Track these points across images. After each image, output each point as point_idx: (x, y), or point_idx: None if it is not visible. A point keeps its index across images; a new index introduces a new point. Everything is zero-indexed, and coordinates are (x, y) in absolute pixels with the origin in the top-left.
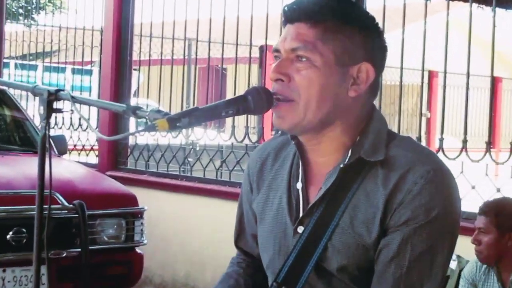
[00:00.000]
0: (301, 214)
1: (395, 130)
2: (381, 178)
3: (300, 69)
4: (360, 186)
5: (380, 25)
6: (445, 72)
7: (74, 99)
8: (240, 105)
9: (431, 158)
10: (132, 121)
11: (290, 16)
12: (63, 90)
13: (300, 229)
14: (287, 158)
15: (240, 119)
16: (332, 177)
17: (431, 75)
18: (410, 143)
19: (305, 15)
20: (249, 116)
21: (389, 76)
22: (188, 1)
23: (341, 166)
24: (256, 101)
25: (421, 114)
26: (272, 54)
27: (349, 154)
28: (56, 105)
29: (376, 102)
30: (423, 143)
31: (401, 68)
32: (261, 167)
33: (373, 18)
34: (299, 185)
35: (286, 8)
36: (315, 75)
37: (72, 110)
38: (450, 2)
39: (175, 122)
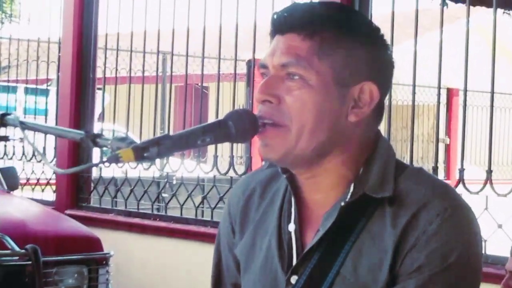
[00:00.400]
0: (294, 262)
1: (407, 159)
2: (389, 217)
3: (292, 89)
4: (364, 227)
5: (388, 35)
6: (465, 90)
7: (23, 125)
8: (219, 132)
9: (448, 192)
10: (97, 150)
11: (280, 26)
12: (9, 114)
13: (294, 279)
14: (276, 194)
15: (225, 147)
16: (331, 217)
17: (451, 93)
18: (422, 176)
19: (298, 24)
20: (234, 143)
21: (401, 95)
22: (162, 8)
23: (342, 204)
24: (238, 126)
25: (437, 139)
26: (259, 71)
27: (350, 190)
28: (5, 132)
29: (384, 126)
30: (441, 174)
31: (413, 85)
32: (245, 205)
33: (377, 29)
34: (291, 227)
35: (275, 16)
36: (309, 96)
37: (21, 138)
38: (471, 7)
39: (142, 152)
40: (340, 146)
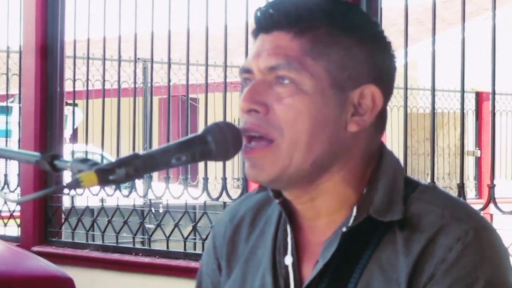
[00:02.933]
0: None
1: (428, 175)
2: (401, 244)
3: (282, 96)
4: (372, 256)
5: (401, 32)
6: (493, 93)
7: None
8: (196, 149)
9: (468, 213)
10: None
11: (264, 23)
12: None
13: None
14: (269, 222)
15: (218, 168)
16: (332, 246)
17: (480, 98)
18: (437, 194)
19: (286, 21)
20: (226, 163)
21: (422, 101)
22: (139, 9)
23: (344, 230)
24: (219, 142)
25: (462, 151)
26: (241, 76)
27: (353, 213)
28: None
29: (396, 135)
30: (472, 193)
31: (433, 89)
32: (232, 236)
33: (376, 24)
34: (288, 260)
35: (258, 12)
36: (303, 104)
37: None
38: None
39: (107, 175)
40: (340, 161)
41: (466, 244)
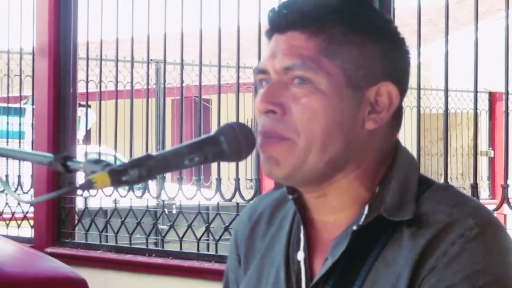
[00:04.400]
0: None
1: (441, 175)
2: (407, 240)
3: (299, 96)
4: (380, 254)
5: (414, 32)
6: (507, 92)
7: None
8: (209, 149)
9: (477, 210)
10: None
11: (279, 24)
12: None
13: None
14: (285, 219)
15: (231, 169)
16: (341, 244)
17: (494, 98)
18: (450, 193)
19: (300, 21)
20: (239, 163)
21: (435, 101)
22: (152, 10)
23: (354, 228)
24: (232, 142)
25: (475, 151)
26: (256, 77)
27: (365, 212)
28: None
29: (409, 135)
30: (485, 193)
31: (446, 89)
32: (251, 233)
33: (390, 21)
34: (300, 256)
35: (271, 13)
36: (320, 103)
37: None
38: None
39: (119, 176)
40: (355, 160)
41: (469, 239)
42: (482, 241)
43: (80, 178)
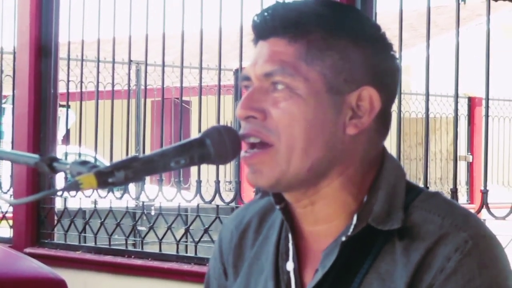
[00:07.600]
0: None
1: (420, 180)
2: (400, 253)
3: (278, 100)
4: (372, 265)
5: (397, 36)
6: (487, 98)
7: None
8: (195, 152)
9: (468, 221)
10: (62, 177)
11: (261, 30)
12: None
13: None
14: (272, 228)
15: (210, 171)
16: (331, 255)
17: (473, 103)
18: (439, 202)
19: (281, 26)
20: (220, 166)
21: (414, 106)
22: (134, 11)
23: (343, 238)
24: (217, 145)
25: (455, 157)
26: (241, 84)
27: (353, 222)
28: None
29: (390, 141)
30: (463, 198)
31: (427, 94)
32: (239, 242)
33: (376, 27)
34: (289, 266)
35: (255, 18)
36: (298, 108)
37: None
38: (492, 1)
39: (106, 178)
40: (339, 167)
41: (464, 253)
42: (477, 255)
43: (59, 179)
